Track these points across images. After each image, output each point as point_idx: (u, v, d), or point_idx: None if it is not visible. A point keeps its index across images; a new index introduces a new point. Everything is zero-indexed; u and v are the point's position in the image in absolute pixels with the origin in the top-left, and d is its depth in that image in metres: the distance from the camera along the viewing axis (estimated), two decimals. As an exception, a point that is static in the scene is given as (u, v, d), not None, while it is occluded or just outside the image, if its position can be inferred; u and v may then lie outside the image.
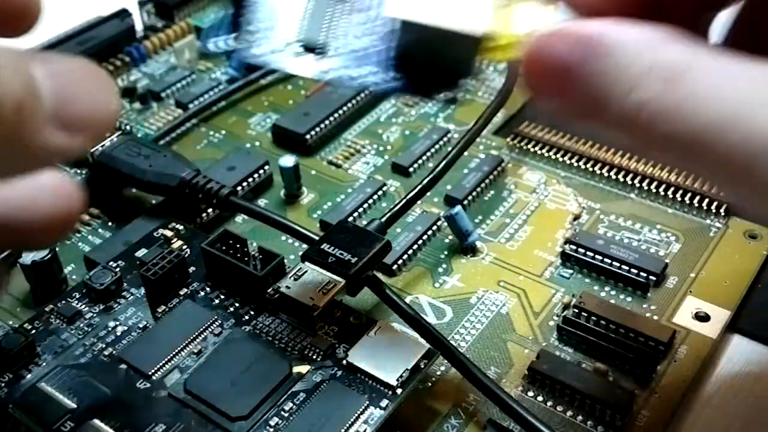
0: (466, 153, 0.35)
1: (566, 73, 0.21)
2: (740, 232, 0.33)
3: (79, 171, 0.36)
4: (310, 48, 0.21)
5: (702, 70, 0.19)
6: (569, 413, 0.27)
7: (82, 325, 0.28)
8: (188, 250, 0.30)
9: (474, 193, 0.35)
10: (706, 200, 0.34)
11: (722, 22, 0.25)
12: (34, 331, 0.27)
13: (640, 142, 0.21)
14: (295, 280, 0.27)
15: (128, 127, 0.40)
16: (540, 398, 0.27)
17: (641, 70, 0.20)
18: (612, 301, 0.30)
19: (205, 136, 0.41)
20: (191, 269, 0.30)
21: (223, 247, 0.29)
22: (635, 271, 0.31)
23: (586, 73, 0.20)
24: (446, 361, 0.27)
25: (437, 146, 0.38)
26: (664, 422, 0.26)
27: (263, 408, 0.24)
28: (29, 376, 0.26)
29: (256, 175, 0.36)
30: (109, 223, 0.35)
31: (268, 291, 0.27)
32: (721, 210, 0.34)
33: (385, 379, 0.25)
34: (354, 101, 0.40)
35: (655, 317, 0.30)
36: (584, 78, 0.21)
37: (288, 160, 0.36)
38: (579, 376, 0.27)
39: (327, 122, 0.39)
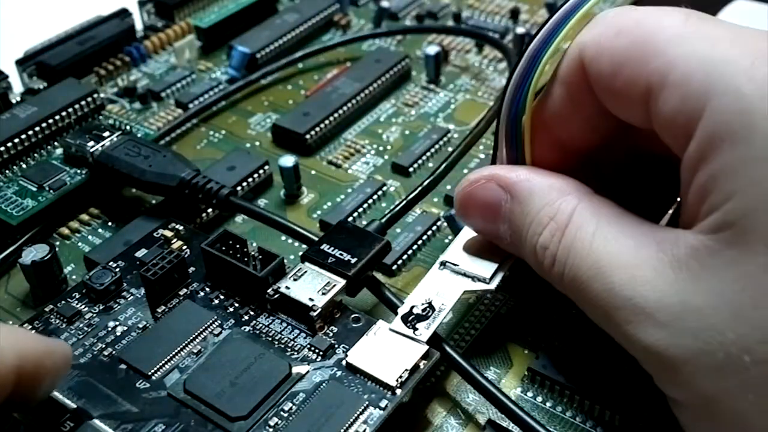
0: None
1: (494, 208, 0.26)
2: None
3: (79, 171, 0.36)
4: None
5: (581, 226, 0.24)
6: (569, 413, 0.27)
7: (81, 325, 0.28)
8: (188, 250, 0.30)
9: (474, 193, 0.35)
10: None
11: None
12: (34, 331, 0.27)
13: (547, 278, 0.25)
14: (295, 280, 0.28)
15: (128, 127, 0.40)
16: (539, 399, 0.27)
17: (542, 219, 0.24)
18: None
19: (205, 136, 0.41)
20: (191, 269, 0.30)
21: (223, 248, 0.29)
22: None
23: (508, 211, 0.26)
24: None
25: (437, 146, 0.38)
26: (664, 423, 0.26)
27: (263, 408, 0.24)
28: (29, 376, 0.26)
29: (256, 175, 0.36)
30: (109, 223, 0.35)
31: (268, 291, 0.27)
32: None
33: (385, 379, 0.25)
34: (354, 101, 0.40)
35: (655, 317, 0.30)
36: (507, 215, 0.26)
37: (288, 160, 0.36)
38: (579, 376, 0.27)
39: (327, 122, 0.39)
